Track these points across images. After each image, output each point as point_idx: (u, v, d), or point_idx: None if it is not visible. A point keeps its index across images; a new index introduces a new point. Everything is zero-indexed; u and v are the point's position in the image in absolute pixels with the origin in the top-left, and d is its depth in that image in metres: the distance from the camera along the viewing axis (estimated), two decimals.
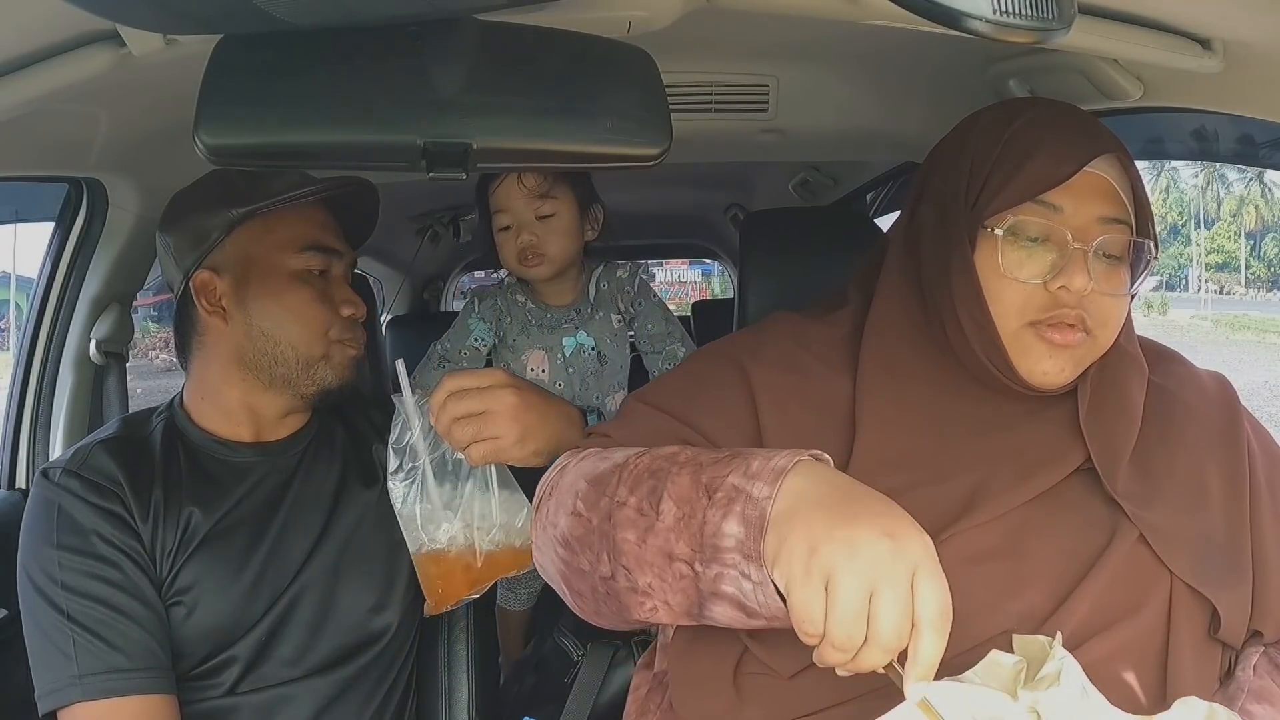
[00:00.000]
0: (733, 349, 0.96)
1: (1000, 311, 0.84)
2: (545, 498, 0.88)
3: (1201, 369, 0.99)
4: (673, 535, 0.72)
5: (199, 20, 0.64)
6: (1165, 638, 0.81)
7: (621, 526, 0.76)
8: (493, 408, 0.97)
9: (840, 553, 0.63)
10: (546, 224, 1.54)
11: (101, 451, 1.08)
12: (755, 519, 0.68)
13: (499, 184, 1.51)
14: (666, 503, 0.73)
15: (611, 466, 0.81)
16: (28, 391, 1.54)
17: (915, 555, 0.64)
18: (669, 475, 0.75)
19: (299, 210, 1.13)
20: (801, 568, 0.64)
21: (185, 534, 1.07)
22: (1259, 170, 20.53)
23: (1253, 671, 0.82)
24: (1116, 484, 0.84)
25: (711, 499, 0.71)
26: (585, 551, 0.80)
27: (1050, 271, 0.83)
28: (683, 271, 22.66)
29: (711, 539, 0.70)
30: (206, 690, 1.08)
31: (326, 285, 1.15)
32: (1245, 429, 0.92)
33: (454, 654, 1.24)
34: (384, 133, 0.66)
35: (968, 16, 0.52)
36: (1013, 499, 0.83)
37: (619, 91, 0.70)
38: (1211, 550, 0.84)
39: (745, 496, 0.69)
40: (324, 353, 1.13)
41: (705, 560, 0.70)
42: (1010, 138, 0.86)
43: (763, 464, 0.70)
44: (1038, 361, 0.84)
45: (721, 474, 0.72)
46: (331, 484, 1.18)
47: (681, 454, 0.78)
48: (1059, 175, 0.82)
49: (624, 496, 0.77)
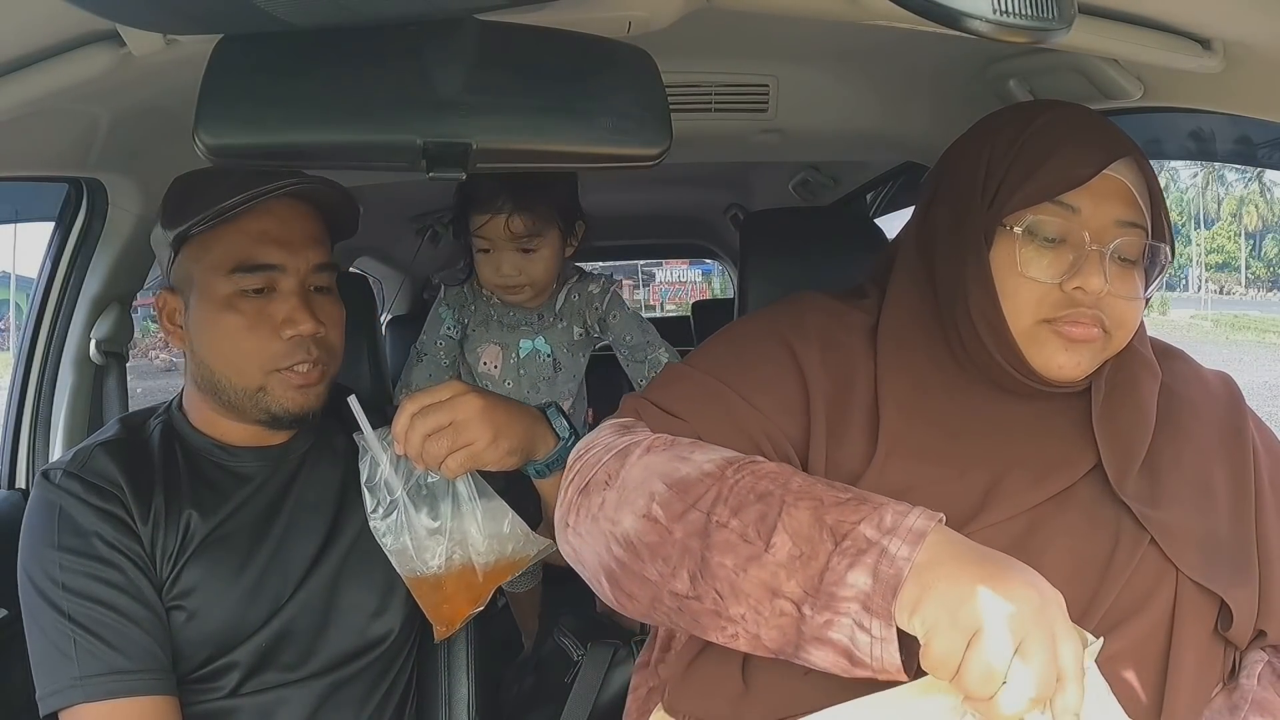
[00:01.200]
0: (777, 325, 0.93)
1: (1014, 309, 0.84)
2: (597, 485, 0.82)
3: (1206, 368, 0.99)
4: (783, 572, 0.69)
5: (199, 20, 0.64)
6: (1168, 637, 0.81)
7: (718, 550, 0.72)
8: (459, 415, 0.96)
9: (994, 606, 0.63)
10: (529, 257, 1.55)
11: (102, 454, 1.08)
12: (890, 577, 0.66)
13: (486, 222, 1.51)
14: (780, 536, 0.70)
15: (699, 474, 0.76)
16: (28, 391, 1.54)
17: (1056, 611, 0.65)
18: (783, 505, 0.71)
19: (235, 224, 1.04)
20: (949, 618, 0.63)
21: (185, 538, 1.07)
22: (1259, 170, 20.53)
23: (1257, 681, 0.82)
24: (1126, 487, 0.84)
25: (839, 545, 0.68)
26: (657, 561, 0.75)
27: (1066, 272, 0.83)
28: (683, 271, 22.67)
29: (831, 586, 0.67)
30: (206, 693, 1.07)
31: (265, 304, 1.05)
32: (1250, 428, 0.92)
33: (454, 654, 1.23)
34: (384, 133, 0.66)
35: (968, 16, 0.52)
36: (1026, 500, 0.83)
37: (619, 91, 0.70)
38: (1219, 549, 0.84)
39: (880, 551, 0.67)
40: (260, 384, 1.07)
41: (817, 606, 0.67)
42: (1029, 138, 0.86)
43: (896, 519, 0.68)
44: (1053, 355, 0.84)
45: (850, 519, 0.69)
46: (334, 489, 1.17)
47: (793, 479, 0.74)
48: (1078, 176, 0.83)
49: (725, 517, 0.72)
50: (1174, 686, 0.80)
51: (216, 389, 1.09)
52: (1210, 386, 0.96)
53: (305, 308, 1.06)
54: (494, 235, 1.52)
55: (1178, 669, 0.80)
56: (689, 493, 0.75)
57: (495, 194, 1.48)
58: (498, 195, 1.48)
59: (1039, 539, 0.82)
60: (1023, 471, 0.84)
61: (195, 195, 1.05)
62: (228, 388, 1.08)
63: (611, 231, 3.61)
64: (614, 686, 1.33)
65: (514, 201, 1.48)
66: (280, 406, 1.08)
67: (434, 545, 1.03)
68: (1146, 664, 0.80)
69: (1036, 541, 0.82)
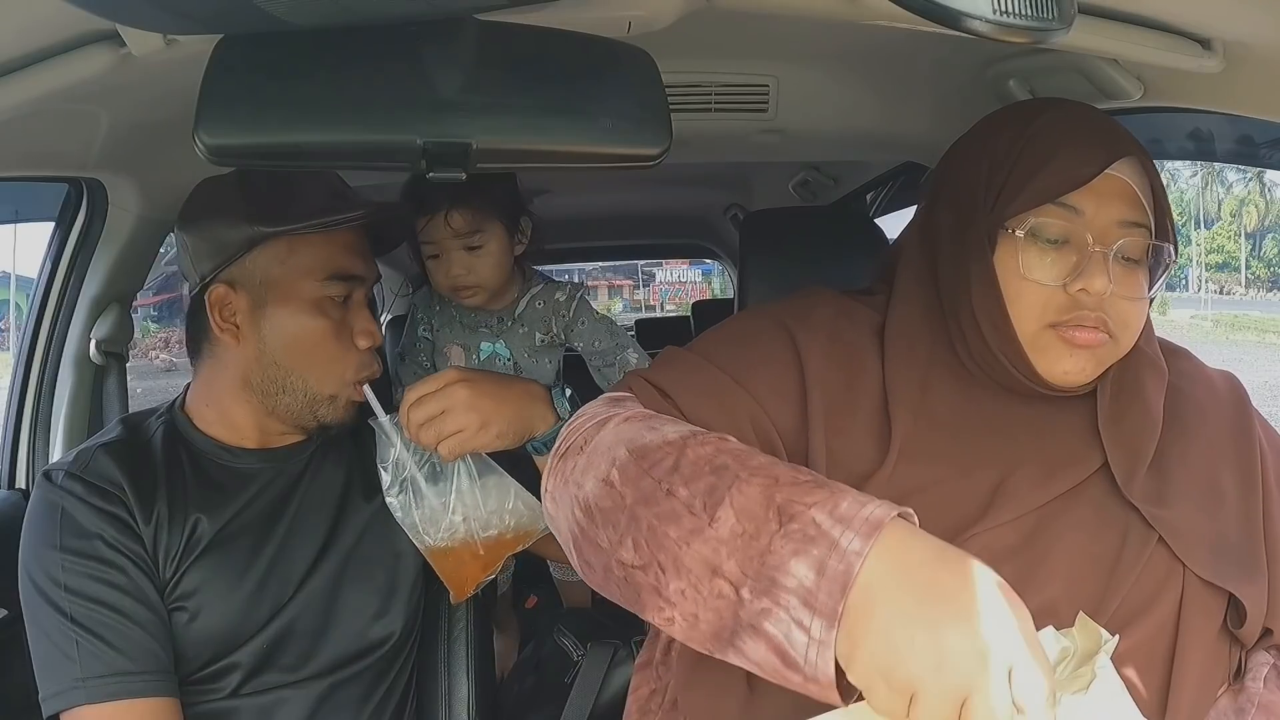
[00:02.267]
0: (782, 315, 0.92)
1: (1019, 313, 0.83)
2: (574, 450, 0.81)
3: (1212, 368, 0.99)
4: (724, 549, 0.65)
5: (199, 20, 0.64)
6: (1174, 636, 0.81)
7: (665, 519, 0.68)
8: (448, 405, 1.03)
9: (926, 667, 0.57)
10: (475, 254, 1.54)
11: (104, 455, 1.08)
12: (839, 574, 0.60)
13: (426, 222, 1.50)
14: (725, 510, 0.66)
15: (661, 441, 0.74)
16: (28, 391, 1.55)
17: (1008, 651, 0.58)
18: (735, 478, 0.68)
19: (327, 232, 1.08)
20: (884, 680, 0.58)
21: (190, 539, 1.07)
22: (1259, 170, 20.51)
23: (1263, 684, 0.82)
24: (1133, 488, 0.84)
25: (784, 526, 0.63)
26: (607, 528, 0.73)
27: (1070, 274, 0.82)
28: (683, 271, 22.68)
29: (771, 570, 0.62)
30: (207, 694, 1.08)
31: (345, 313, 1.11)
32: (1256, 427, 0.92)
33: (454, 654, 1.23)
34: (384, 132, 0.66)
35: (968, 16, 0.52)
36: (1033, 500, 0.83)
37: (619, 91, 0.70)
38: (1228, 547, 0.84)
39: (830, 544, 0.61)
40: (333, 393, 1.10)
41: (756, 590, 0.63)
42: (1030, 138, 0.85)
43: (854, 507, 0.63)
44: (1058, 360, 0.83)
45: (802, 500, 0.64)
46: (336, 491, 1.17)
47: (753, 457, 0.71)
48: (1080, 177, 0.82)
49: (674, 484, 0.69)
50: (1179, 685, 0.80)
51: (283, 389, 1.09)
52: (1216, 386, 0.95)
53: (375, 321, 1.13)
54: (438, 236, 1.51)
55: (1183, 667, 0.80)
56: (646, 459, 0.73)
57: (430, 192, 1.48)
58: (436, 194, 1.48)
59: (1046, 537, 0.82)
60: (1029, 472, 0.83)
61: (287, 195, 1.06)
62: (298, 389, 1.09)
63: (611, 231, 3.61)
64: (614, 686, 1.33)
65: (450, 199, 1.48)
66: (337, 417, 1.12)
67: (440, 519, 1.10)
68: (1152, 663, 0.80)
69: (1044, 540, 0.82)
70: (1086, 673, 0.68)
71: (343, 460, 1.19)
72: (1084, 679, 0.67)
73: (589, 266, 20.08)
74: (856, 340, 0.89)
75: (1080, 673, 0.68)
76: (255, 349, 1.08)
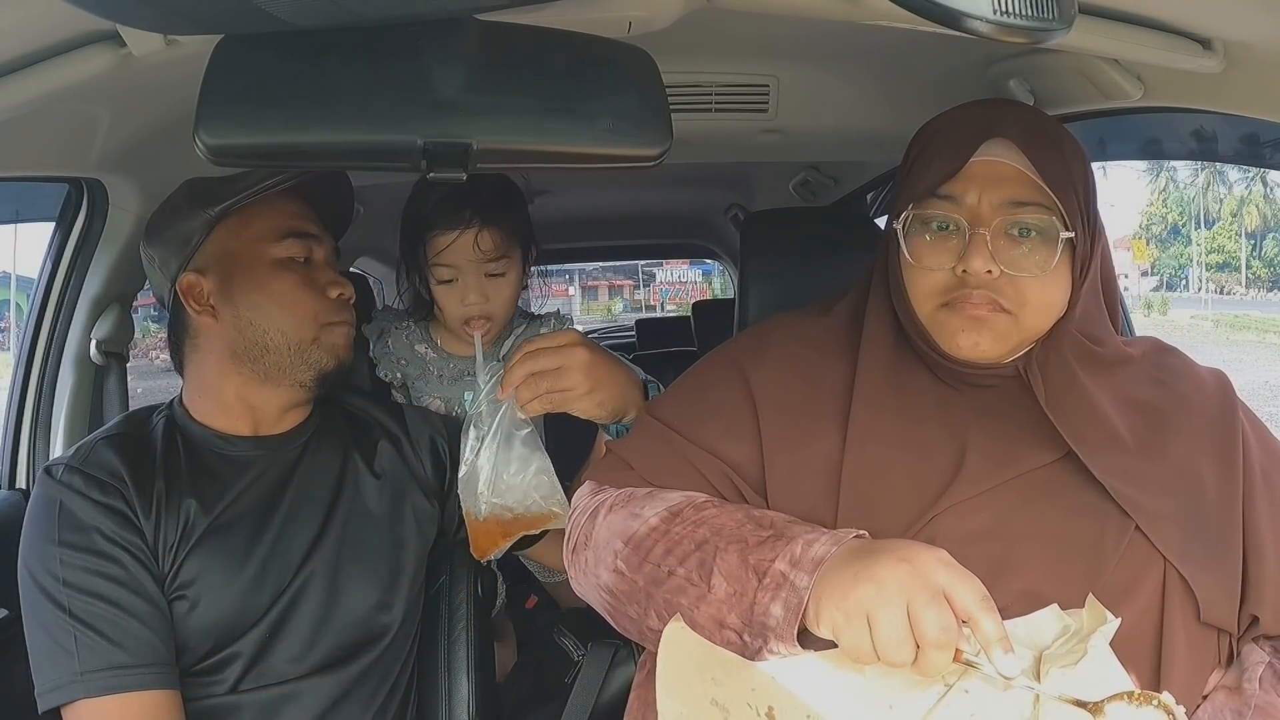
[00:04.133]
0: (736, 353, 1.01)
1: (915, 296, 0.91)
2: (580, 545, 0.94)
3: (1201, 365, 1.01)
4: (724, 607, 0.79)
5: (199, 20, 0.64)
6: (1159, 622, 0.83)
7: (673, 593, 0.83)
8: (566, 362, 1.09)
9: (869, 589, 0.70)
10: (495, 283, 1.40)
11: (105, 447, 1.09)
12: (795, 605, 0.74)
13: (451, 243, 1.35)
14: (717, 578, 0.80)
15: (647, 530, 0.87)
16: (28, 391, 1.55)
17: (932, 568, 0.71)
18: (716, 550, 0.82)
19: (272, 202, 1.14)
20: (842, 615, 0.71)
21: (186, 528, 1.08)
22: (1260, 170, 20.53)
23: (1259, 685, 0.82)
24: (1092, 456, 0.86)
25: (761, 583, 0.77)
26: (632, 605, 0.87)
27: (957, 257, 0.87)
28: (683, 271, 22.69)
29: (760, 617, 0.76)
30: (210, 687, 1.08)
31: (310, 270, 1.16)
32: (1241, 421, 0.94)
33: (454, 654, 1.24)
34: (384, 133, 0.66)
35: (968, 16, 0.52)
36: (992, 478, 0.87)
37: (619, 91, 0.70)
38: (1201, 534, 0.86)
39: (790, 585, 0.76)
40: (314, 336, 1.14)
41: (753, 633, 0.77)
42: (925, 140, 0.94)
43: (805, 549, 0.77)
44: (954, 335, 0.89)
45: (768, 558, 0.78)
46: (333, 476, 1.18)
47: (722, 518, 0.85)
48: (950, 168, 0.89)
49: (672, 566, 0.84)
50: (1168, 670, 0.81)
51: (266, 349, 1.12)
52: (1203, 382, 0.97)
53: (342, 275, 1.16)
54: (460, 259, 1.36)
55: (1170, 653, 0.82)
56: (640, 549, 0.86)
57: (459, 208, 1.34)
58: (463, 209, 1.34)
59: (1019, 523, 0.85)
60: (986, 450, 0.88)
61: (228, 181, 1.11)
62: (280, 345, 1.13)
63: (612, 231, 3.62)
64: (614, 686, 1.33)
65: (482, 216, 1.34)
66: (330, 356, 1.15)
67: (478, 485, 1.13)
68: (1140, 647, 0.81)
69: (1017, 525, 0.85)
70: (1079, 650, 0.69)
71: (339, 445, 1.20)
72: (1076, 655, 0.69)
73: (589, 266, 20.08)
74: (813, 352, 0.97)
75: (1074, 649, 0.69)
76: (232, 319, 1.13)
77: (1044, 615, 0.75)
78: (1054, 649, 0.73)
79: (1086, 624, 0.73)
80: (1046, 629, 0.75)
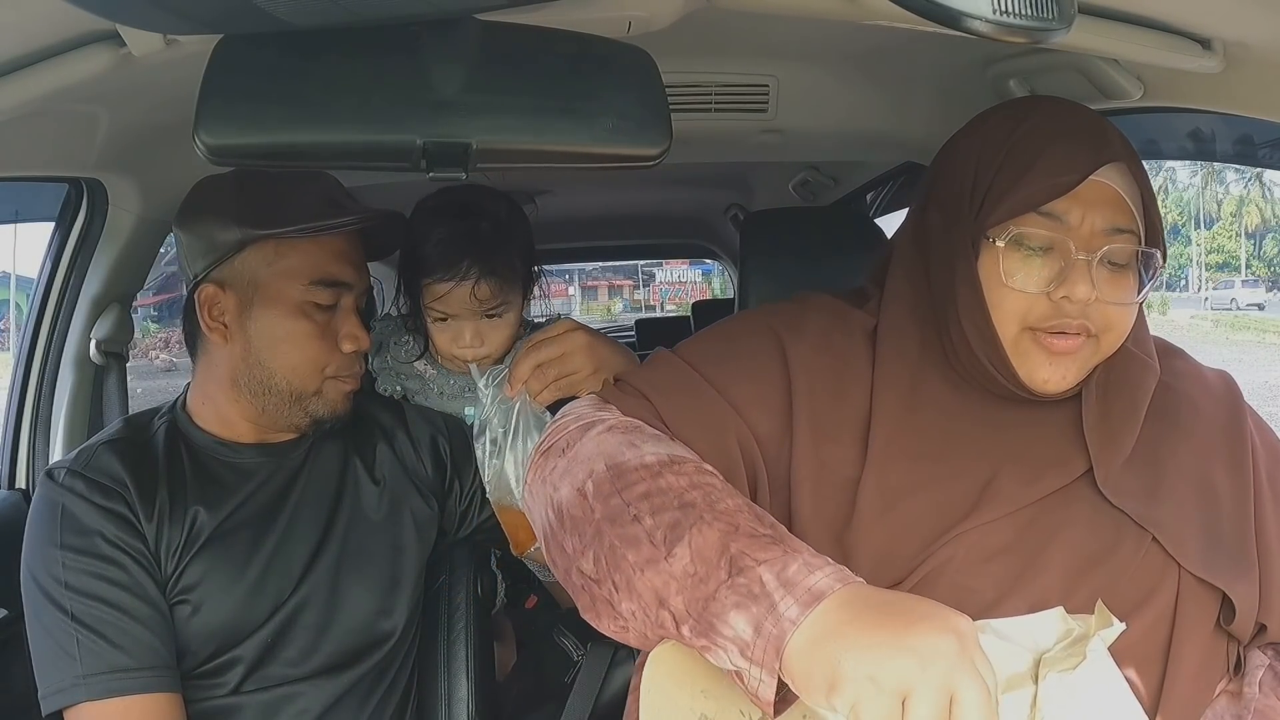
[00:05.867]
0: (774, 321, 0.93)
1: (1001, 318, 0.84)
2: (555, 450, 0.83)
3: (1207, 367, 0.99)
4: (675, 585, 0.67)
5: (199, 20, 0.64)
6: (1170, 632, 0.81)
7: (625, 542, 0.71)
8: (568, 348, 1.11)
9: (908, 665, 0.58)
10: (493, 324, 1.36)
11: (106, 452, 1.08)
12: (774, 637, 0.62)
13: (447, 292, 1.29)
14: (683, 548, 0.68)
15: (639, 463, 0.75)
16: (28, 391, 1.55)
17: (973, 645, 0.60)
18: (699, 518, 0.69)
19: (316, 238, 1.09)
20: (873, 687, 0.58)
21: (190, 533, 1.08)
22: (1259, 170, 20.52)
23: (1259, 689, 0.82)
24: (1114, 490, 0.84)
25: (732, 578, 0.65)
26: (574, 536, 0.75)
27: (1054, 280, 0.82)
28: (683, 271, 22.68)
29: (712, 617, 0.64)
30: (211, 690, 1.08)
31: (331, 318, 1.12)
32: (1249, 425, 0.93)
33: (454, 654, 1.23)
34: (384, 132, 0.66)
35: (968, 16, 0.52)
36: (1021, 498, 0.83)
37: (619, 91, 0.70)
38: (1220, 544, 0.84)
39: (770, 605, 0.63)
40: (317, 388, 1.12)
41: (696, 630, 0.65)
42: (1015, 143, 0.85)
43: (801, 572, 0.64)
44: (1037, 368, 0.84)
45: (754, 555, 0.65)
46: (335, 484, 1.18)
47: (723, 499, 0.72)
48: (1062, 185, 0.81)
49: (642, 511, 0.71)
50: (1173, 680, 0.80)
51: (268, 389, 1.10)
52: (1210, 385, 0.96)
53: (363, 326, 1.14)
54: (457, 307, 1.31)
55: (1178, 663, 0.81)
56: (622, 478, 0.75)
57: (457, 259, 1.28)
58: (461, 260, 1.28)
59: (1039, 536, 0.82)
60: (1017, 470, 0.84)
61: (280, 198, 1.07)
62: (283, 388, 1.10)
63: (612, 231, 3.61)
64: (614, 686, 1.33)
65: (480, 267, 1.29)
66: (329, 409, 1.14)
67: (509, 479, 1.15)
68: (1149, 657, 0.81)
69: (1037, 538, 0.82)
70: (1079, 654, 0.68)
71: (341, 453, 1.20)
72: (1075, 660, 0.68)
73: (589, 266, 20.06)
74: (847, 346, 0.90)
75: (1073, 653, 0.69)
76: (242, 348, 1.10)
77: (1048, 616, 0.73)
78: (1054, 652, 0.72)
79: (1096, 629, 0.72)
80: (1049, 630, 0.74)
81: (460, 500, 1.28)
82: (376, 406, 1.29)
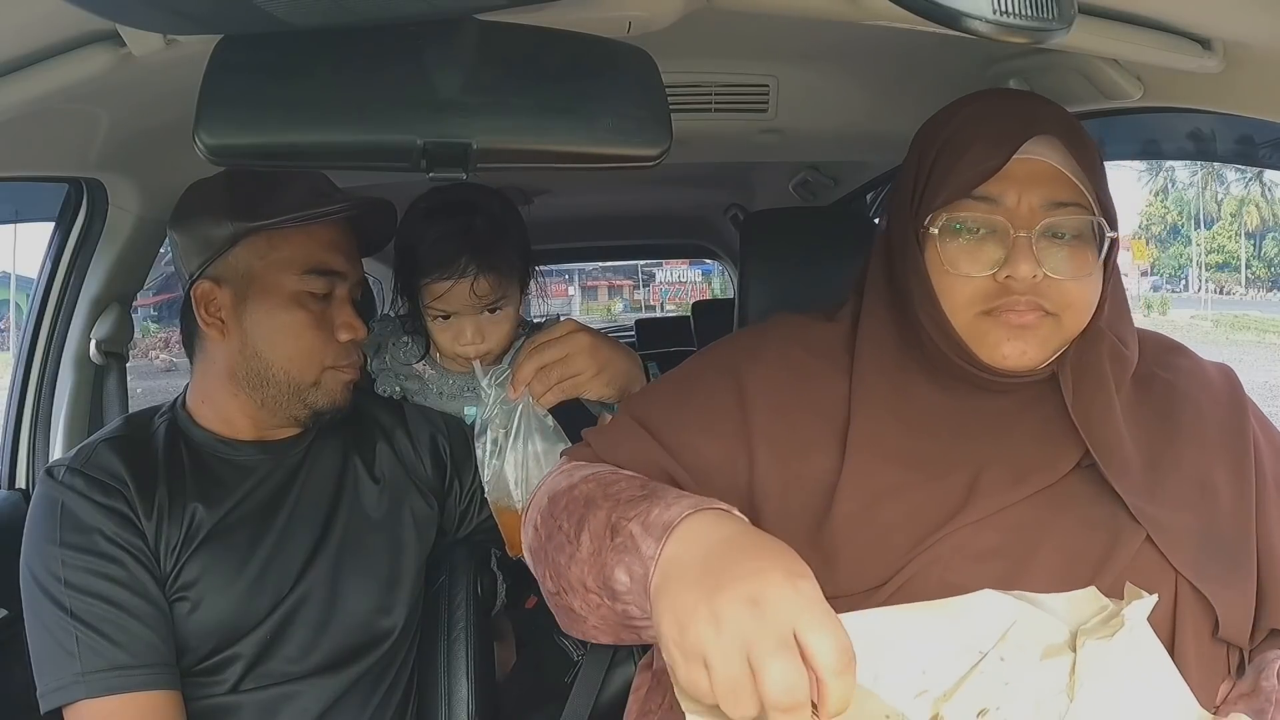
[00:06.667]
0: (731, 351, 0.97)
1: (951, 306, 0.85)
2: (530, 504, 0.92)
3: (1208, 361, 0.98)
4: (586, 568, 0.74)
5: (199, 20, 0.64)
6: (1170, 637, 0.80)
7: (556, 550, 0.79)
8: (571, 349, 1.11)
9: (707, 630, 0.60)
10: (493, 319, 1.37)
11: (106, 449, 1.09)
12: (640, 577, 0.68)
13: (446, 291, 1.31)
14: (585, 534, 0.75)
15: (566, 486, 0.84)
16: (28, 391, 1.55)
17: (786, 614, 0.60)
18: (595, 506, 0.77)
19: (307, 228, 1.10)
20: (679, 652, 0.62)
21: (189, 530, 1.08)
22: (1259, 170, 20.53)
23: (1277, 680, 0.81)
24: (1116, 471, 0.83)
25: (613, 541, 0.71)
26: (538, 565, 0.85)
27: (999, 262, 0.83)
28: (683, 271, 22.66)
29: (609, 580, 0.71)
30: (210, 687, 1.08)
31: (326, 308, 1.12)
32: (1251, 423, 0.92)
33: (453, 654, 1.23)
34: (384, 133, 0.66)
35: (968, 16, 0.52)
36: (1008, 496, 0.83)
37: (619, 91, 0.70)
38: (1217, 548, 0.83)
39: (636, 550, 0.69)
40: (315, 379, 1.12)
41: (608, 597, 0.73)
42: (950, 134, 0.87)
43: (661, 513, 0.69)
44: (997, 345, 0.84)
45: (627, 516, 0.72)
46: (334, 481, 1.18)
47: (617, 484, 0.79)
48: (989, 168, 0.83)
49: (562, 520, 0.80)
50: None
51: (266, 381, 1.11)
52: (1212, 382, 0.95)
53: (358, 315, 1.14)
54: (457, 305, 1.33)
55: (1180, 668, 0.79)
56: (555, 503, 0.83)
57: (455, 256, 1.29)
58: (458, 257, 1.29)
59: (1031, 536, 0.82)
60: (1002, 469, 0.84)
61: (269, 192, 1.08)
62: (281, 380, 1.11)
63: (612, 231, 3.61)
64: (614, 686, 1.33)
65: (478, 263, 1.30)
66: (328, 400, 1.14)
67: (508, 481, 1.15)
68: None
69: (1028, 539, 0.82)
70: (1116, 624, 0.68)
71: (341, 451, 1.20)
72: (1112, 628, 0.68)
73: (589, 266, 20.05)
74: (812, 358, 0.92)
75: (1111, 623, 0.69)
76: (239, 342, 1.11)
77: (1083, 595, 0.73)
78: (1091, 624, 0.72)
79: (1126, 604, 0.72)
80: (1085, 607, 0.74)
81: (460, 500, 1.28)
82: (376, 406, 1.29)
